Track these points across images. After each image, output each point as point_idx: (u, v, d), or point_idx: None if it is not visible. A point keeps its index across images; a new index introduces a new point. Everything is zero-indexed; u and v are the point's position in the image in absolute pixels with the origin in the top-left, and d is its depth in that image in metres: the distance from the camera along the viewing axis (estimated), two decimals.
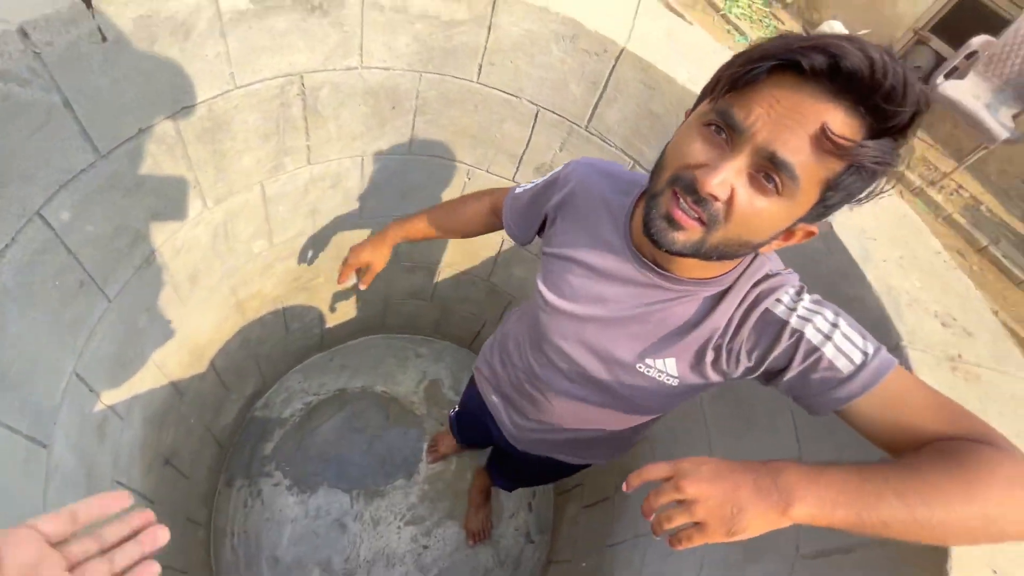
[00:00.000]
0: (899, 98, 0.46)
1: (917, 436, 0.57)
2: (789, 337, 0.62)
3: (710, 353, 0.68)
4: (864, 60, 0.46)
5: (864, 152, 0.48)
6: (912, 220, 1.06)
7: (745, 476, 0.51)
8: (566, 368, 0.82)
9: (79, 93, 0.76)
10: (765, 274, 0.68)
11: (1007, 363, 0.86)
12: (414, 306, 2.32)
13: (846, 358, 0.60)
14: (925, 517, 0.47)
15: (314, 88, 1.14)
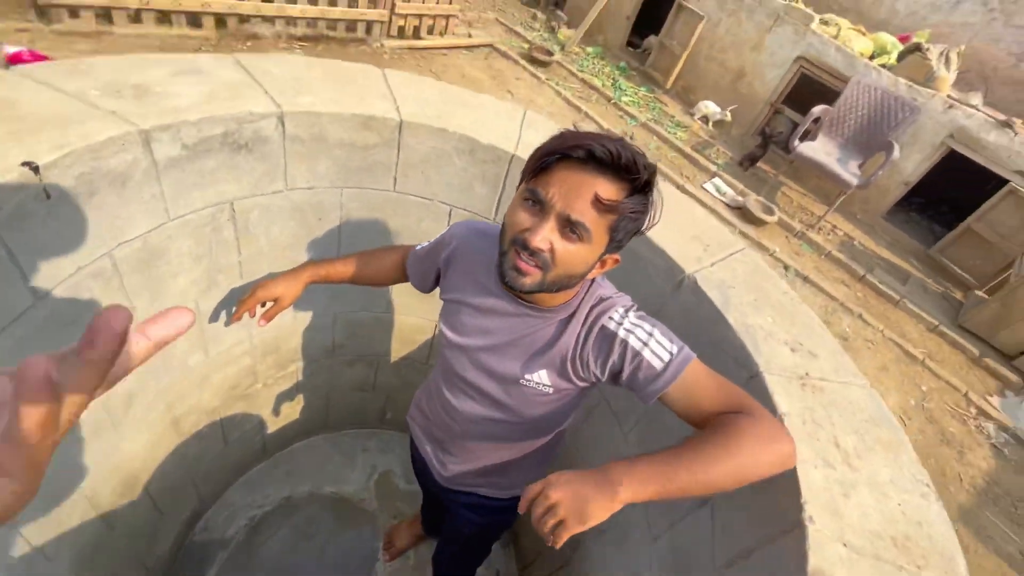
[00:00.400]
0: (634, 169, 0.71)
1: (707, 413, 0.79)
2: (620, 345, 0.83)
3: (568, 364, 0.88)
4: (606, 150, 0.70)
5: (625, 206, 0.73)
6: (762, 269, 1.30)
7: (586, 479, 0.68)
8: (471, 392, 0.99)
9: (23, 246, 0.84)
10: (599, 297, 0.89)
11: (844, 374, 1.07)
12: (358, 398, 2.34)
13: (658, 358, 0.81)
14: (704, 478, 0.69)
15: (244, 211, 1.27)
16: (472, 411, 1.01)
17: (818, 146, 4.15)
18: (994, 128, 3.72)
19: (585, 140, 0.71)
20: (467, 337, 0.95)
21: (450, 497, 1.27)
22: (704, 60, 5.04)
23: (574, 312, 0.88)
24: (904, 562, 0.77)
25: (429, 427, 1.18)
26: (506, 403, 0.96)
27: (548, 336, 0.89)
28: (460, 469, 1.14)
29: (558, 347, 0.87)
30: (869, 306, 3.53)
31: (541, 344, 0.89)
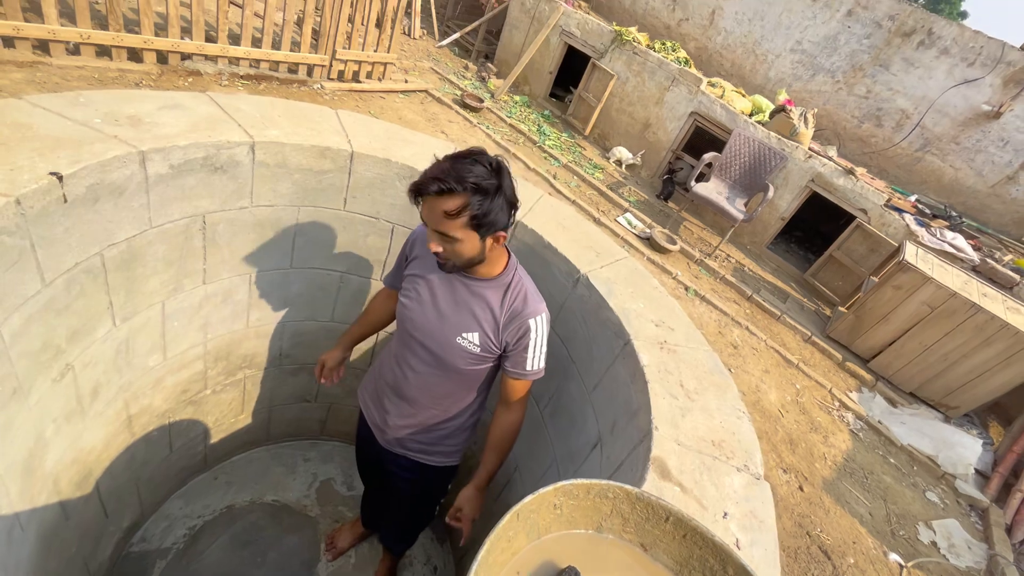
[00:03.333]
0: (458, 186, 1.00)
1: (506, 397, 1.31)
2: (524, 343, 1.22)
3: (492, 334, 1.22)
4: (434, 183, 1.01)
5: (470, 208, 1.02)
6: (639, 270, 1.69)
7: (471, 495, 1.26)
8: (417, 348, 1.30)
9: (42, 239, 1.03)
10: (525, 294, 1.22)
11: (693, 343, 1.44)
12: (299, 410, 2.48)
13: (530, 363, 1.24)
14: (502, 456, 1.30)
15: (213, 224, 1.49)
16: (416, 365, 1.31)
17: (711, 186, 4.85)
18: (842, 175, 4.57)
19: (424, 180, 1.02)
20: (419, 303, 1.27)
21: (391, 462, 1.52)
22: (615, 112, 5.74)
23: (506, 288, 1.21)
24: (718, 454, 1.12)
25: (380, 387, 1.44)
26: (443, 357, 1.27)
27: (483, 307, 1.21)
28: (402, 424, 1.40)
29: (491, 316, 1.21)
30: (756, 320, 4.13)
31: (478, 311, 1.21)
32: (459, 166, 1.01)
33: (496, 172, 1.04)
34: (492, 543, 0.62)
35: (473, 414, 1.46)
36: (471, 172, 1.01)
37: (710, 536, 0.72)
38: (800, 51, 5.80)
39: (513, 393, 1.29)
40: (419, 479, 1.53)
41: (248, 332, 1.93)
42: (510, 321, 1.20)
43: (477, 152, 1.05)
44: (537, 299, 1.23)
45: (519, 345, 1.21)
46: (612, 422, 1.33)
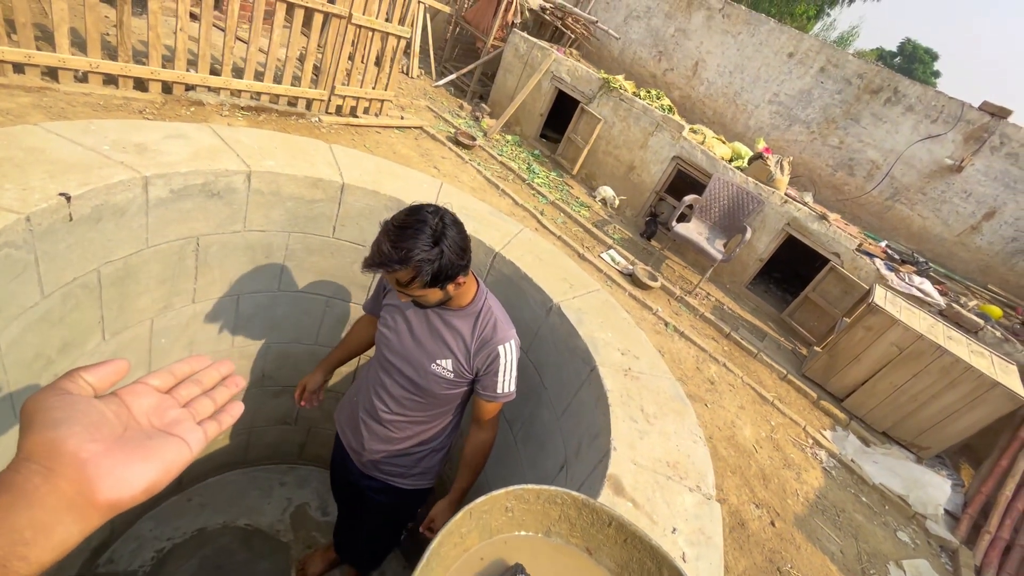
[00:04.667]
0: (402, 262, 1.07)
1: (477, 418, 1.38)
2: (494, 369, 1.30)
3: (464, 360, 1.27)
4: (377, 263, 1.09)
5: (420, 277, 1.10)
6: (610, 302, 1.79)
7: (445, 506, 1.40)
8: (395, 373, 1.35)
9: (45, 254, 1.11)
10: (495, 322, 1.28)
11: (656, 372, 1.53)
12: (279, 432, 2.50)
13: (501, 387, 1.31)
14: (475, 473, 1.41)
15: (207, 246, 1.57)
16: (395, 390, 1.37)
17: (692, 227, 5.04)
18: (816, 219, 4.79)
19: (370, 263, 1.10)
20: (396, 332, 1.35)
21: (364, 484, 1.58)
22: (602, 153, 5.99)
23: (476, 316, 1.29)
24: (672, 474, 1.19)
25: (356, 412, 1.50)
26: (418, 382, 1.34)
27: (455, 335, 1.30)
28: (378, 448, 1.46)
29: (462, 344, 1.30)
30: (733, 357, 4.23)
31: (450, 340, 1.30)
32: (401, 243, 1.06)
33: (439, 234, 1.08)
34: (444, 537, 0.69)
35: (447, 437, 1.52)
36: (414, 246, 1.05)
37: (648, 540, 0.79)
38: (777, 103, 6.14)
39: (484, 414, 1.36)
40: (391, 502, 1.58)
41: (232, 352, 1.98)
42: (480, 348, 1.29)
43: (417, 218, 1.08)
44: (506, 326, 1.31)
45: (489, 370, 1.30)
46: (578, 445, 1.40)
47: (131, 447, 0.38)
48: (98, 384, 0.40)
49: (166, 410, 0.43)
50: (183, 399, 0.45)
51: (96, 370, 0.41)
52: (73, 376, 0.40)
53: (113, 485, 0.36)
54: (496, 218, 1.97)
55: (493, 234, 1.85)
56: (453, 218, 1.14)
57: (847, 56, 5.65)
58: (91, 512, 0.35)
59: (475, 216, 1.89)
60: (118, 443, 0.37)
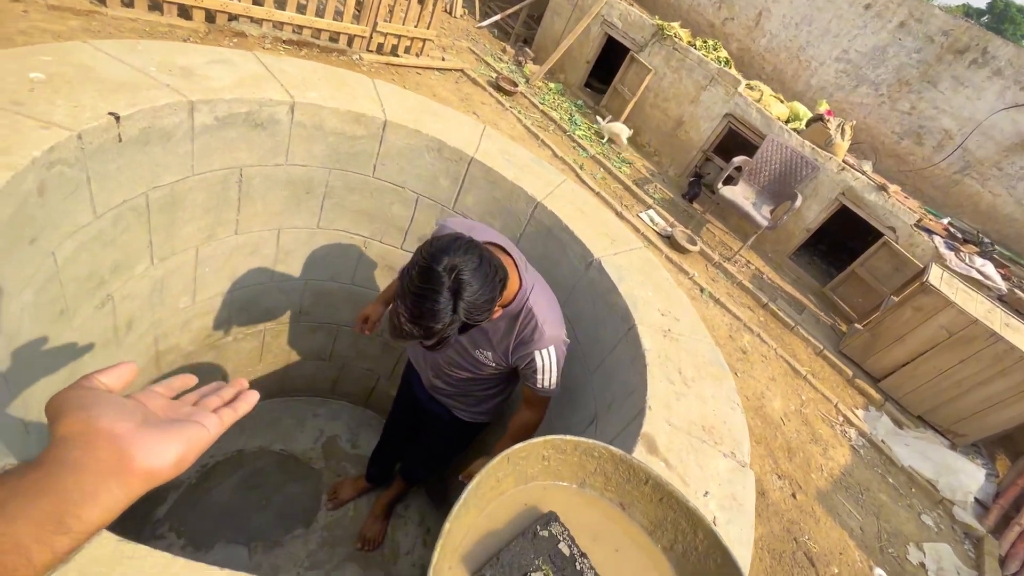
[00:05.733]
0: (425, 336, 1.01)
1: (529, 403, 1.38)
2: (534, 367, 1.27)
3: (503, 355, 1.32)
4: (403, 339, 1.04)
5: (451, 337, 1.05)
6: (652, 261, 1.72)
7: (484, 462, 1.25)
8: (450, 351, 1.44)
9: (96, 174, 1.11)
10: (535, 323, 1.24)
11: (696, 335, 1.48)
12: (314, 367, 2.58)
13: (540, 383, 1.29)
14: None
15: (250, 177, 1.56)
16: (452, 353, 1.45)
17: (738, 190, 4.81)
18: (874, 190, 4.49)
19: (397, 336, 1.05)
20: None
21: (429, 407, 1.70)
22: (649, 107, 5.69)
23: (517, 317, 1.25)
24: (706, 438, 1.17)
25: (424, 353, 1.56)
26: (467, 361, 1.42)
27: (497, 331, 1.30)
28: (442, 385, 1.56)
29: (503, 343, 1.30)
30: (768, 328, 4.12)
31: (491, 335, 1.32)
32: (419, 319, 0.99)
33: (457, 293, 0.99)
34: (482, 479, 0.69)
35: (503, 391, 1.60)
36: (432, 319, 0.99)
37: (684, 501, 0.77)
38: (845, 60, 5.66)
39: (528, 397, 1.39)
40: (451, 426, 1.69)
41: (271, 286, 2.02)
42: (518, 348, 1.28)
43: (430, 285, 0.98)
44: (549, 328, 1.25)
45: (528, 368, 1.29)
46: (610, 401, 1.38)
47: (156, 428, 0.41)
48: (112, 384, 0.44)
49: (179, 407, 0.47)
50: (189, 402, 0.49)
51: (109, 372, 0.44)
52: (90, 378, 0.43)
53: (148, 455, 0.38)
54: (539, 167, 1.89)
55: (535, 183, 1.79)
56: (475, 264, 1.01)
57: (933, 10, 5.10)
58: (131, 479, 0.37)
59: (517, 163, 1.83)
60: (144, 424, 0.40)
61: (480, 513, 0.73)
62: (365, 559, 2.28)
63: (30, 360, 1.06)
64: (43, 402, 0.61)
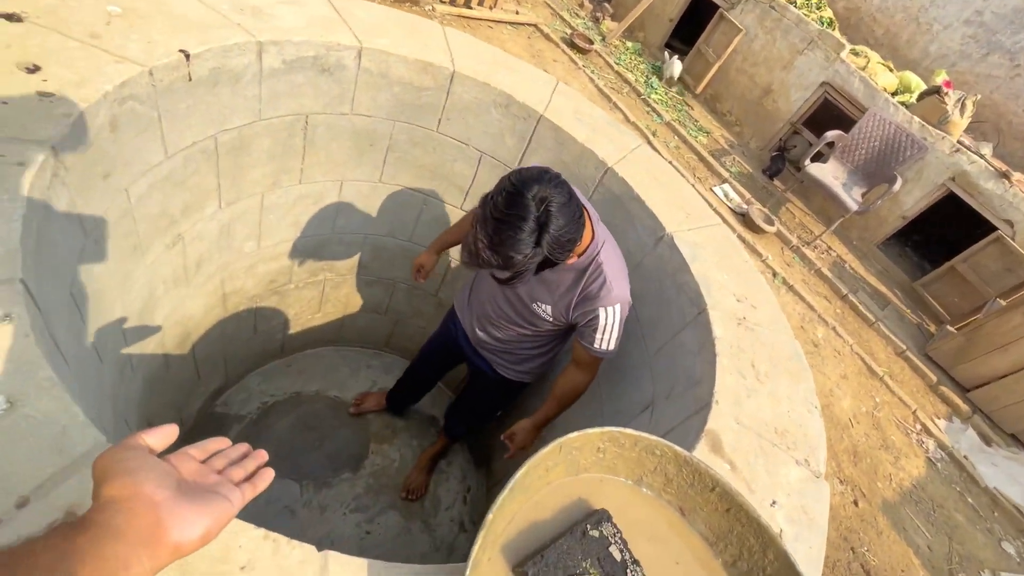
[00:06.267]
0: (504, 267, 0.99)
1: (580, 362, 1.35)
2: (595, 325, 1.23)
3: (564, 310, 1.27)
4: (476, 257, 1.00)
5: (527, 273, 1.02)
6: (731, 240, 1.57)
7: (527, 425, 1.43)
8: (500, 297, 1.41)
9: (167, 112, 1.11)
10: (603, 280, 1.19)
11: (775, 326, 1.34)
12: (369, 319, 2.63)
13: (599, 343, 1.25)
14: (562, 407, 1.40)
15: (314, 125, 1.54)
16: (505, 307, 1.42)
17: (827, 169, 4.37)
18: (993, 177, 3.93)
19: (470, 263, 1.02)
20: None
21: (473, 361, 1.70)
22: (735, 71, 5.23)
23: (584, 271, 1.20)
24: (778, 442, 1.05)
25: (473, 306, 1.56)
26: (522, 313, 1.38)
27: (560, 285, 1.24)
28: (487, 341, 1.55)
29: (565, 297, 1.25)
30: (845, 322, 3.79)
31: (553, 288, 1.26)
32: (499, 246, 0.94)
33: (542, 225, 0.94)
34: (530, 467, 0.63)
35: (554, 347, 1.57)
36: (513, 248, 0.93)
37: (756, 516, 0.68)
38: (977, 23, 4.91)
39: (581, 357, 1.33)
40: (495, 383, 1.69)
41: (333, 237, 2.03)
42: (581, 303, 1.22)
43: (517, 211, 0.92)
44: (616, 284, 1.19)
45: (588, 326, 1.24)
46: (669, 388, 1.29)
47: (189, 499, 0.43)
48: (155, 445, 0.47)
49: (206, 474, 0.50)
50: (217, 467, 0.52)
51: (154, 433, 0.48)
52: (136, 436, 0.46)
53: (180, 528, 0.41)
54: (613, 129, 1.75)
55: (607, 147, 1.66)
56: (564, 199, 0.96)
57: None
58: (161, 551, 0.40)
59: (590, 123, 1.70)
60: (180, 492, 0.43)
61: (526, 501, 0.67)
62: (407, 509, 2.36)
63: (104, 293, 1.10)
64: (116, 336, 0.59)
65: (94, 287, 1.05)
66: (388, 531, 2.27)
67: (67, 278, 0.90)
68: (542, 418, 1.43)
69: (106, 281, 1.10)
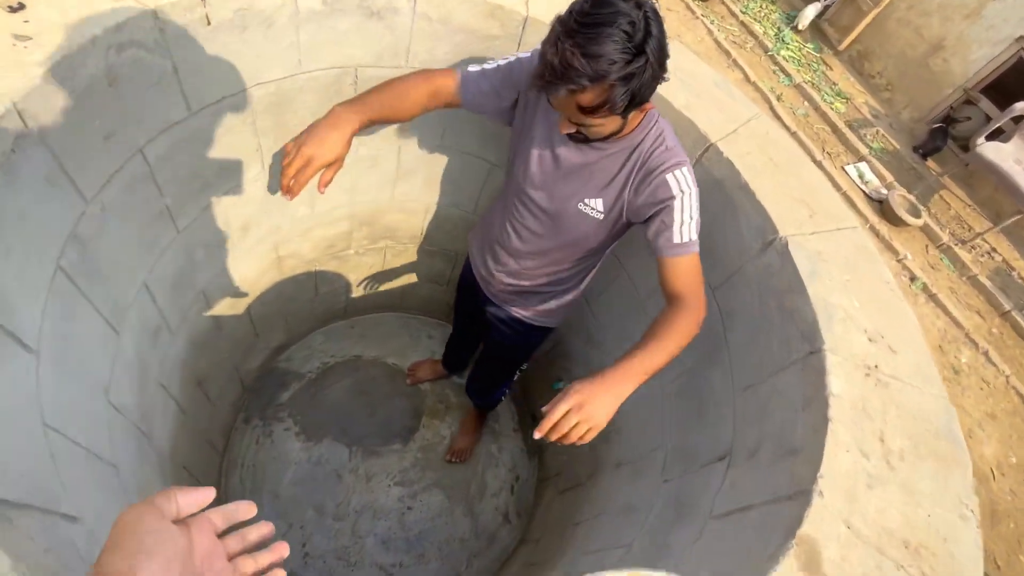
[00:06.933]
0: (595, 78, 0.79)
1: (671, 291, 1.01)
2: (667, 208, 1.00)
3: (619, 194, 1.05)
4: (558, 76, 0.80)
5: (611, 101, 0.83)
6: (869, 252, 1.18)
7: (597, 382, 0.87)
8: (533, 206, 1.17)
9: (184, 62, 0.98)
10: (663, 142, 1.01)
11: (920, 380, 0.98)
12: (431, 290, 2.52)
13: (681, 237, 1.00)
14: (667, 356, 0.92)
15: (366, 80, 1.35)
16: (532, 224, 1.19)
17: (1008, 150, 3.47)
18: None
19: (548, 76, 0.81)
20: (541, 163, 1.10)
21: (490, 312, 1.54)
22: (895, 22, 4.26)
23: (636, 147, 1.01)
24: (908, 564, 0.74)
25: (488, 241, 1.36)
26: (561, 221, 1.14)
27: (610, 170, 1.04)
28: (507, 282, 1.36)
29: (616, 182, 1.04)
30: (1002, 346, 3.07)
31: (602, 176, 1.05)
32: (592, 48, 0.77)
33: (643, 34, 0.79)
34: None
35: (582, 282, 1.38)
36: (610, 54, 0.77)
37: None
38: None
39: (675, 280, 1.00)
40: (512, 334, 1.53)
41: (392, 204, 1.89)
42: (644, 180, 1.02)
43: (612, 9, 0.77)
44: (679, 150, 1.03)
45: (661, 209, 1.01)
46: (755, 445, 0.99)
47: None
48: (185, 507, 0.44)
49: (215, 560, 0.46)
50: (232, 549, 0.48)
51: (189, 495, 0.45)
52: (169, 495, 0.44)
53: None
54: (723, 92, 1.39)
55: (713, 115, 1.31)
56: (655, 7, 0.83)
57: None
58: None
59: (693, 86, 1.35)
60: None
61: None
62: (451, 489, 2.28)
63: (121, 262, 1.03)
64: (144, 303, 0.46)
65: (105, 256, 0.97)
66: (430, 510, 2.22)
67: (52, 251, 0.80)
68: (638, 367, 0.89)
69: (123, 248, 1.03)
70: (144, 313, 1.17)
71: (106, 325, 0.99)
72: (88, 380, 0.89)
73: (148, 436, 1.20)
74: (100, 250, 0.95)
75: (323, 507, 2.12)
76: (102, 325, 0.97)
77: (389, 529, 2.14)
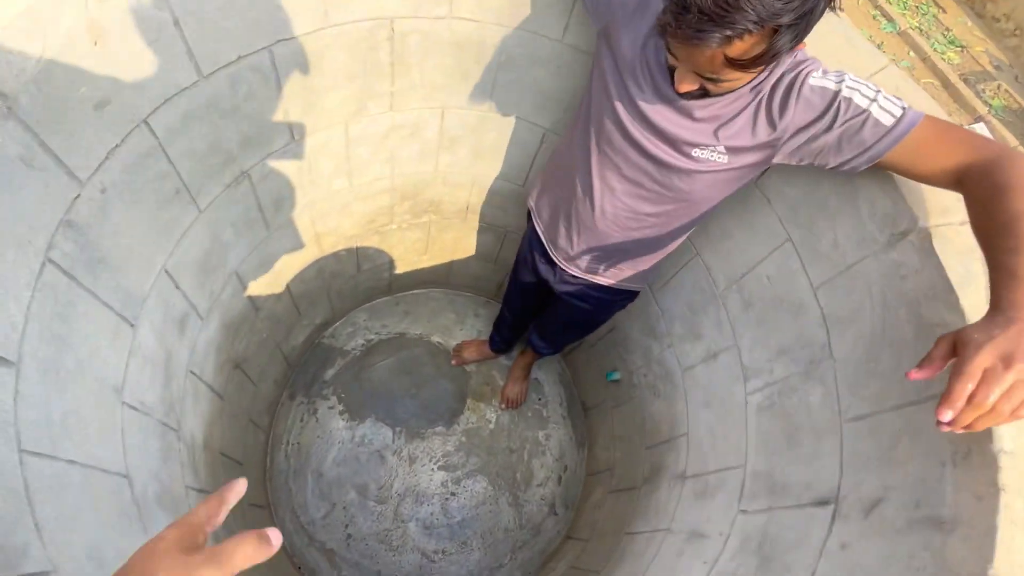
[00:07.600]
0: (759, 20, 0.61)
1: (950, 171, 0.74)
2: (841, 103, 0.78)
3: (759, 127, 0.85)
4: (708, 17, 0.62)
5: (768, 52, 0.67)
6: None
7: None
8: (634, 150, 0.96)
9: (188, 15, 0.83)
10: (795, 62, 0.83)
11: None
12: (479, 267, 2.37)
13: (888, 114, 0.77)
14: None
15: (403, 34, 1.17)
16: (630, 172, 1.00)
17: None
18: None
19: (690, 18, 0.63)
20: (642, 107, 0.91)
21: (561, 289, 1.40)
22: None
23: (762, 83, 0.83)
24: None
25: (565, 204, 1.19)
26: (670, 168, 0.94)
27: (736, 105, 0.85)
28: (590, 247, 1.20)
29: (741, 118, 0.85)
30: None
31: (725, 114, 0.86)
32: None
33: None
34: None
35: (675, 242, 1.20)
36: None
37: None
38: None
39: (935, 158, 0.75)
40: (590, 307, 1.42)
41: (436, 177, 1.73)
42: (785, 100, 0.82)
43: None
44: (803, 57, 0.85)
45: (829, 112, 0.80)
46: (875, 498, 0.78)
47: None
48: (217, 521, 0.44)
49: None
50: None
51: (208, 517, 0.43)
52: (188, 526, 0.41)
53: None
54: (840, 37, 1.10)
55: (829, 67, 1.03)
56: None
57: None
58: None
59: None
60: None
61: None
62: (496, 476, 2.19)
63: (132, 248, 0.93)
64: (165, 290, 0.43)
65: (110, 243, 0.87)
66: (474, 497, 2.14)
67: (39, 243, 0.70)
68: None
69: (133, 233, 0.93)
70: (166, 301, 1.08)
71: (117, 319, 0.90)
72: (92, 383, 0.80)
73: (176, 429, 1.13)
74: (104, 237, 0.84)
75: (366, 489, 2.08)
76: (111, 319, 0.88)
77: (432, 515, 2.08)
